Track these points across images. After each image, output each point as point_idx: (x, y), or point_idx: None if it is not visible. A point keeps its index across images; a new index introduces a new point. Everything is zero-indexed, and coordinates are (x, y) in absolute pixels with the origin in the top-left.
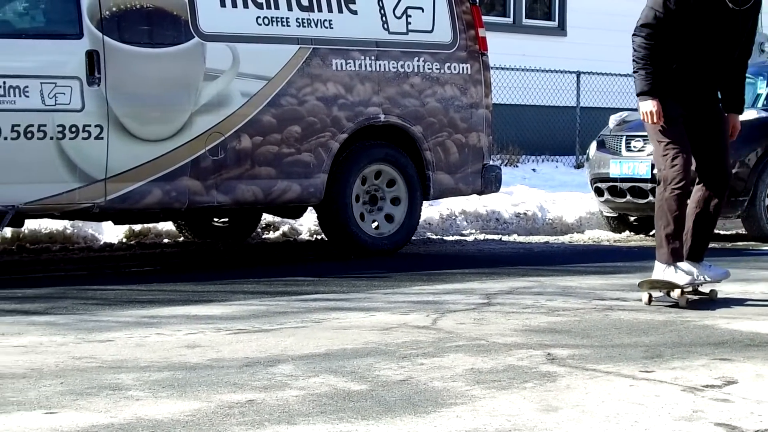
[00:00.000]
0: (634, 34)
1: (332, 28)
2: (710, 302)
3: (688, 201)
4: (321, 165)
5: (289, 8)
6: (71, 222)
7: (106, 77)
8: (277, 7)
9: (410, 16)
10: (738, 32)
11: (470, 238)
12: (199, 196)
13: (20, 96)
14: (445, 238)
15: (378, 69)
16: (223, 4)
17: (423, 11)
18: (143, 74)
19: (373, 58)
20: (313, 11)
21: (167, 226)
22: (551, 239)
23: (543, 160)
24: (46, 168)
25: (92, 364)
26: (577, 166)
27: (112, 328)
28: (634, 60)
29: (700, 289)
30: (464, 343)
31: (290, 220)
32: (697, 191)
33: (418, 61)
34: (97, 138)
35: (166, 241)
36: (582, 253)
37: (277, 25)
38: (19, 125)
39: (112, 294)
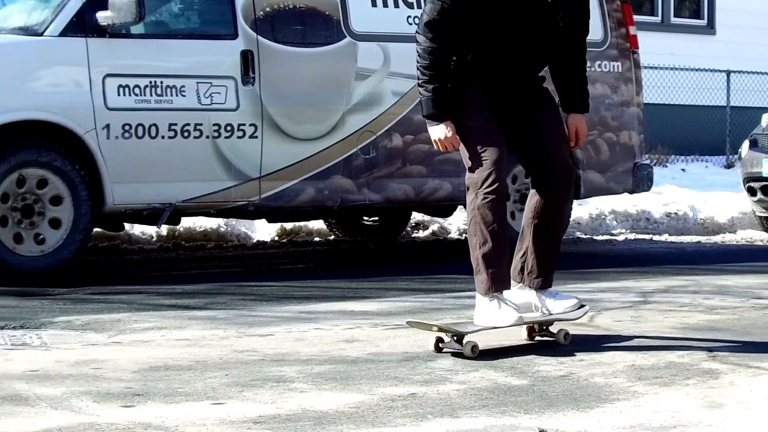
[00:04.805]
0: (417, 33)
1: None
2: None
3: (524, 210)
4: None
5: None
6: (224, 220)
7: (260, 77)
8: None
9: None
10: (552, 22)
11: (620, 238)
12: (351, 194)
13: (177, 95)
14: (595, 237)
15: None
16: (374, 3)
17: None
18: (296, 74)
19: None
20: None
21: (318, 224)
22: (703, 239)
23: (692, 160)
24: (202, 166)
25: (254, 357)
26: (727, 166)
27: (271, 323)
28: (418, 68)
29: (550, 328)
30: (623, 340)
31: (439, 219)
32: (532, 197)
33: None
34: (251, 137)
35: (317, 239)
36: (735, 253)
37: None
38: (176, 124)
39: (268, 290)
